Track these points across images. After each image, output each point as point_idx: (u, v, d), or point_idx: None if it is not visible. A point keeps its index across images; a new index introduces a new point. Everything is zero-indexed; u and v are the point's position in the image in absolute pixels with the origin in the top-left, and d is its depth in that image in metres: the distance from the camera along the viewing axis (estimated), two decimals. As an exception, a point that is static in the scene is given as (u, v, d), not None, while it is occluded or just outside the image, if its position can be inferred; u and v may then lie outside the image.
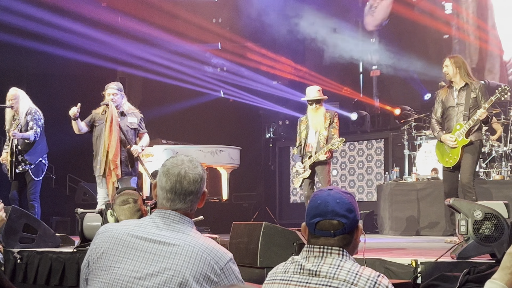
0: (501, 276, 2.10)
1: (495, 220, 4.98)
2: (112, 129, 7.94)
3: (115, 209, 4.93)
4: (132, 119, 8.22)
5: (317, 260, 2.46)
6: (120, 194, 5.03)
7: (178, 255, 2.49)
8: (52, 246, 7.19)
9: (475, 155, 7.23)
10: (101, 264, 2.57)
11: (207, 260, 2.49)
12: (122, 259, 2.54)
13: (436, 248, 6.54)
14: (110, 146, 7.92)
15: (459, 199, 5.44)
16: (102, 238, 2.63)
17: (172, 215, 2.61)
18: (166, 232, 2.57)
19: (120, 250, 2.55)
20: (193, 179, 2.62)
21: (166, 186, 2.62)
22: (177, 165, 2.64)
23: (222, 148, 12.77)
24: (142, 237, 2.56)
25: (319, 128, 8.10)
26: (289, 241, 4.99)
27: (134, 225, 2.63)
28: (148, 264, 2.50)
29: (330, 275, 2.40)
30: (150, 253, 2.52)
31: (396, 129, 12.96)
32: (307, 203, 2.59)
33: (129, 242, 2.56)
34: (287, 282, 2.48)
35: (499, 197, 8.68)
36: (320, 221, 2.47)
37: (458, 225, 5.08)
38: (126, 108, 8.23)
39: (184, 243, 2.52)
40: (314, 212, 2.50)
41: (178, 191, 2.61)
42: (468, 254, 4.96)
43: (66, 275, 6.47)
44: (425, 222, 10.14)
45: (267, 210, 14.53)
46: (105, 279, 2.54)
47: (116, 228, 2.64)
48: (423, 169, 10.76)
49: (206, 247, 2.53)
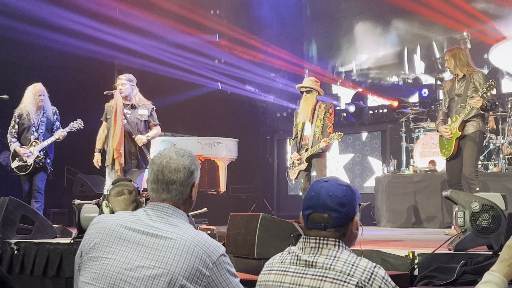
0: (500, 268, 2.10)
1: (492, 212, 4.99)
2: (117, 118, 7.92)
3: (110, 200, 4.93)
4: (143, 111, 8.14)
5: (313, 251, 2.47)
6: (115, 185, 5.03)
7: (170, 248, 2.48)
8: (49, 237, 7.18)
9: (474, 146, 7.24)
10: (93, 255, 2.56)
11: (199, 254, 2.48)
12: (114, 250, 2.53)
13: (433, 240, 6.55)
14: (114, 135, 7.90)
15: (457, 191, 5.44)
16: (95, 229, 2.62)
17: (166, 208, 2.61)
18: (159, 225, 2.56)
19: (113, 241, 2.55)
20: (174, 168, 2.61)
21: (150, 177, 2.64)
22: (161, 156, 2.65)
23: (220, 140, 12.77)
24: (135, 229, 2.55)
25: (305, 119, 8.03)
26: (286, 232, 4.98)
27: (127, 216, 2.63)
28: (139, 256, 2.50)
29: (326, 266, 2.41)
30: (142, 245, 2.52)
31: (394, 122, 12.96)
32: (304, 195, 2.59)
33: (122, 234, 2.55)
34: (284, 272, 2.49)
35: (497, 189, 8.69)
36: (311, 213, 2.49)
37: (456, 216, 5.09)
38: (137, 100, 8.16)
39: (177, 236, 2.51)
40: (307, 203, 2.51)
41: (160, 180, 2.61)
42: (465, 246, 4.96)
43: (63, 266, 6.46)
44: (423, 214, 10.16)
45: (265, 202, 14.53)
46: (96, 269, 2.53)
47: (109, 219, 2.64)
48: (420, 162, 10.77)
49: (198, 241, 2.51)
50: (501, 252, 2.15)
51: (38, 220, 7.27)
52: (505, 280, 2.08)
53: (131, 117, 8.02)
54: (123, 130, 7.95)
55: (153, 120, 8.23)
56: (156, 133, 8.26)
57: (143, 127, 8.13)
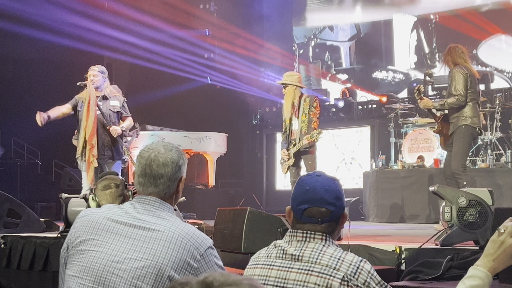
0: (484, 263, 2.10)
1: (479, 207, 5.00)
2: (90, 109, 7.90)
3: (96, 193, 4.92)
4: (115, 103, 8.15)
5: (299, 245, 2.46)
6: (102, 179, 5.02)
7: (158, 240, 2.48)
8: (36, 231, 7.15)
9: (458, 141, 7.32)
10: (80, 248, 2.56)
11: (187, 246, 2.48)
12: (101, 243, 2.53)
13: (421, 235, 6.57)
14: (86, 127, 7.87)
15: (444, 185, 5.45)
16: (82, 223, 2.61)
17: (152, 201, 2.60)
18: (146, 217, 2.56)
19: (99, 234, 2.54)
20: (162, 162, 2.60)
21: (138, 170, 2.63)
22: (149, 149, 2.64)
23: (209, 135, 12.77)
24: (122, 221, 2.55)
25: (288, 114, 7.96)
26: (273, 226, 4.99)
27: (114, 209, 2.62)
28: (127, 248, 2.49)
29: (312, 260, 2.40)
30: (129, 237, 2.51)
31: (383, 117, 12.98)
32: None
33: (109, 227, 2.55)
34: (270, 266, 2.48)
35: (484, 185, 8.68)
36: (308, 208, 2.46)
37: (443, 212, 5.10)
38: (109, 91, 8.16)
39: (164, 228, 2.51)
40: (302, 198, 2.48)
41: (148, 174, 2.60)
42: (451, 241, 4.98)
43: (50, 260, 6.44)
44: (411, 209, 10.18)
45: (254, 197, 14.53)
46: (83, 262, 2.53)
47: (96, 212, 2.63)
48: (409, 157, 10.79)
49: (186, 233, 2.51)
50: (486, 246, 2.15)
51: (25, 214, 7.25)
52: (489, 275, 2.08)
53: (103, 108, 8.01)
54: (96, 121, 7.93)
55: (125, 112, 8.24)
56: (129, 124, 8.28)
57: (115, 117, 8.12)
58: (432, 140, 10.44)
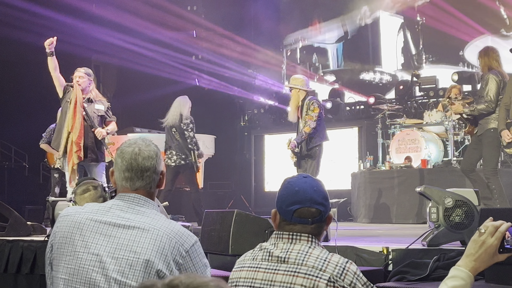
0: (466, 263, 2.12)
1: (465, 208, 5.03)
2: (76, 111, 7.87)
3: (76, 199, 4.93)
4: (99, 106, 8.15)
5: (285, 246, 2.46)
6: (80, 185, 5.03)
7: (143, 238, 2.50)
8: (23, 235, 7.12)
9: (488, 147, 7.55)
10: (65, 249, 2.56)
11: (173, 243, 2.50)
12: (86, 244, 2.53)
13: (409, 235, 6.59)
14: (73, 128, 7.84)
15: (430, 186, 5.48)
16: (65, 222, 2.61)
17: (136, 198, 2.61)
18: (130, 215, 2.57)
19: (84, 235, 2.55)
20: (147, 155, 2.63)
21: (122, 166, 2.63)
22: (130, 144, 2.67)
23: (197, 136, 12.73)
24: (106, 221, 2.56)
25: (292, 116, 8.25)
26: (261, 228, 4.99)
27: (97, 208, 2.62)
28: (113, 248, 2.50)
29: (298, 262, 2.41)
30: (115, 237, 2.52)
31: (370, 118, 13.02)
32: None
33: (93, 227, 2.55)
34: (256, 269, 2.48)
35: (471, 185, 8.75)
36: (299, 208, 2.47)
37: (429, 212, 5.12)
38: (94, 95, 8.15)
39: (149, 226, 2.53)
40: (293, 199, 2.49)
41: (134, 168, 2.62)
42: (438, 241, 5.00)
43: (37, 264, 6.42)
44: (399, 210, 10.21)
45: (242, 198, 14.53)
46: (71, 264, 2.54)
47: (79, 212, 2.63)
48: (396, 158, 10.83)
49: (171, 230, 2.53)
50: (467, 246, 2.17)
51: (12, 217, 7.21)
52: (471, 275, 2.10)
53: (88, 110, 8.01)
54: (83, 123, 7.92)
55: (109, 116, 8.26)
56: (113, 128, 8.32)
57: (99, 121, 8.12)
58: (419, 140, 10.48)
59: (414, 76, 12.71)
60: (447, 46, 13.78)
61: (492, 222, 2.16)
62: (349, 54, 15.58)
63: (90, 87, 8.13)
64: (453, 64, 13.62)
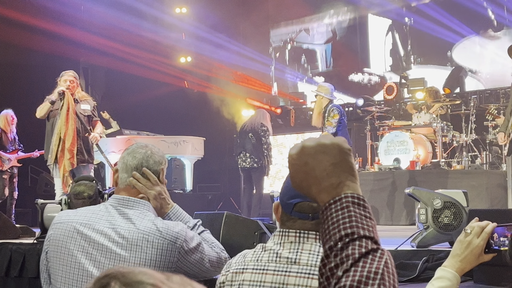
0: (452, 264, 2.12)
1: (454, 209, 5.05)
2: (69, 117, 7.86)
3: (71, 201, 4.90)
4: (85, 106, 8.15)
5: (293, 246, 2.32)
6: (76, 184, 4.99)
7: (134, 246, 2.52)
8: (11, 238, 7.09)
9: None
10: (61, 259, 2.58)
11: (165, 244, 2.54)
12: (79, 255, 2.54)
13: (397, 237, 6.60)
14: (66, 135, 7.83)
15: (419, 188, 5.50)
16: (59, 230, 2.62)
17: (132, 202, 2.61)
18: (121, 222, 2.56)
19: (78, 244, 2.56)
20: (158, 160, 2.71)
21: (132, 164, 2.66)
22: (143, 146, 2.73)
23: (186, 139, 12.74)
24: (98, 229, 2.56)
25: (315, 123, 8.81)
26: (250, 230, 4.99)
27: (89, 216, 2.62)
28: (108, 258, 2.51)
29: (311, 263, 2.29)
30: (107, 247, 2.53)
31: (359, 120, 13.04)
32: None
33: (86, 236, 2.56)
34: (262, 271, 2.33)
35: (460, 186, 8.77)
36: (299, 202, 2.33)
37: (418, 213, 5.14)
38: (80, 96, 8.16)
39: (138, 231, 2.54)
40: (294, 192, 2.26)
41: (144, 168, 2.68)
42: (427, 243, 5.02)
43: (26, 266, 6.39)
44: (388, 211, 10.24)
45: (231, 200, 14.53)
46: (68, 275, 2.56)
47: (71, 220, 2.62)
48: (385, 159, 10.85)
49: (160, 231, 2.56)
50: (453, 247, 2.18)
51: (0, 219, 7.18)
52: (457, 275, 2.11)
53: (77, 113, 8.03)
54: (75, 129, 7.92)
55: (95, 116, 8.30)
56: (102, 129, 8.51)
57: (86, 121, 8.13)
58: (408, 142, 10.51)
59: (402, 78, 12.76)
60: (435, 47, 13.84)
61: (478, 222, 2.17)
62: (337, 55, 15.62)
63: (77, 88, 8.16)
64: (441, 65, 13.69)
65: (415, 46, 14.28)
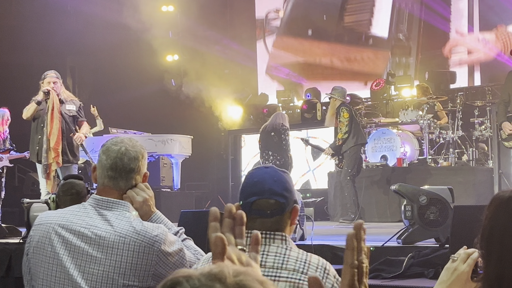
0: None
1: (439, 205, 5.08)
2: (54, 117, 7.85)
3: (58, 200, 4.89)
4: (70, 107, 8.12)
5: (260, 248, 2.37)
6: (65, 183, 4.98)
7: (110, 249, 2.51)
8: (-3, 237, 7.07)
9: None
10: (40, 260, 2.57)
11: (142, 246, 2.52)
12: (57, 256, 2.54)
13: (384, 233, 6.62)
14: (51, 134, 7.82)
15: (405, 184, 5.53)
16: (38, 232, 2.61)
17: (111, 203, 2.60)
18: (98, 223, 2.56)
19: (56, 246, 2.55)
20: (133, 156, 2.62)
21: (106, 164, 2.61)
22: (116, 143, 2.65)
23: (173, 137, 12.71)
24: (75, 230, 2.55)
25: (328, 124, 9.76)
26: (237, 228, 4.99)
27: (68, 216, 2.61)
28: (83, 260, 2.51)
29: (277, 266, 2.32)
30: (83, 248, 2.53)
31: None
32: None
33: (63, 237, 2.56)
34: None
35: (447, 183, 8.77)
36: (257, 200, 2.36)
37: (404, 210, 5.17)
38: (65, 96, 8.14)
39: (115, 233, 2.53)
40: (250, 190, 2.39)
41: (119, 168, 2.61)
42: (413, 239, 5.05)
43: (12, 266, 6.38)
44: (375, 208, 10.27)
45: (220, 198, 14.51)
46: (47, 277, 2.55)
47: (49, 222, 2.61)
48: (372, 156, 10.87)
49: (138, 233, 2.53)
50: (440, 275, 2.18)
51: (-14, 219, 7.16)
52: None
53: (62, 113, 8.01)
54: (60, 129, 7.90)
55: (81, 116, 8.27)
56: (87, 129, 8.47)
57: (71, 122, 8.12)
58: (395, 139, 10.54)
59: (389, 76, 12.78)
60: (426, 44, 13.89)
61: (465, 250, 2.17)
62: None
63: (62, 88, 8.12)
64: (432, 63, 13.73)
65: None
